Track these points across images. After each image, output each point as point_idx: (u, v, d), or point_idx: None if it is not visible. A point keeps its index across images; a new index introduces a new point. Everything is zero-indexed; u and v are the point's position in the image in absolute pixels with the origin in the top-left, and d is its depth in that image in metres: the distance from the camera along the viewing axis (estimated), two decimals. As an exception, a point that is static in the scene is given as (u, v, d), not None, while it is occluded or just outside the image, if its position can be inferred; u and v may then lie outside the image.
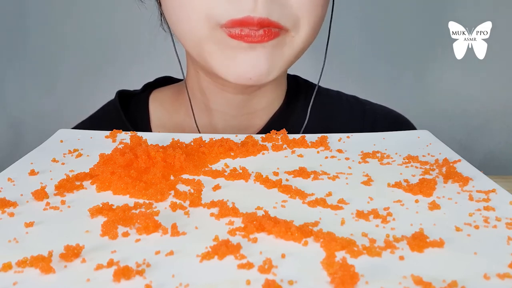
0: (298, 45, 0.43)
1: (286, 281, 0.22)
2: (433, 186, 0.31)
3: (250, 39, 0.40)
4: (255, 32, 0.39)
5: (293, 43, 0.42)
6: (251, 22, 0.39)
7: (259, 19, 0.38)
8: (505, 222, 0.27)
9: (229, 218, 0.28)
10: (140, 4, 0.51)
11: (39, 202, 0.30)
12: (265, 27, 0.39)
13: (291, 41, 0.42)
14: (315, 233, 0.25)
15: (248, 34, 0.39)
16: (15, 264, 0.23)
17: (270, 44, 0.40)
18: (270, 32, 0.40)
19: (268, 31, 0.40)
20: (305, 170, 0.35)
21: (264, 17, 0.39)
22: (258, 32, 0.39)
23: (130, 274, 0.22)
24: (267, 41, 0.40)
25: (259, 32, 0.39)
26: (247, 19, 0.39)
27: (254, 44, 0.40)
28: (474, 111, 0.97)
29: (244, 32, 0.39)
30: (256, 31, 0.39)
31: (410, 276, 0.22)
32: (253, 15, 0.38)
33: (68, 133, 0.43)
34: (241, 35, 0.39)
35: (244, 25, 0.39)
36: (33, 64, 0.95)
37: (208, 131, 0.51)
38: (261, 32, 0.39)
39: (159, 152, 0.35)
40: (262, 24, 0.39)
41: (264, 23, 0.39)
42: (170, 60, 0.50)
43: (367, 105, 0.56)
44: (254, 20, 0.38)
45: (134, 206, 0.29)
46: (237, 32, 0.39)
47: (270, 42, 0.40)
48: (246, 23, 0.39)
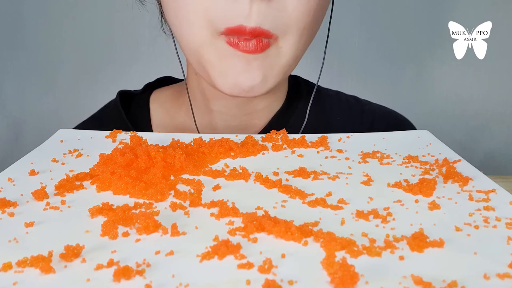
0: (287, 56, 0.43)
1: (286, 281, 0.22)
2: (433, 186, 0.31)
3: (245, 49, 0.40)
4: (247, 43, 0.40)
5: (280, 54, 0.42)
6: (243, 31, 0.39)
7: (251, 28, 0.39)
8: (505, 222, 0.27)
9: (229, 218, 0.28)
10: (140, 6, 0.51)
11: (39, 202, 0.30)
12: (257, 36, 0.40)
13: (279, 52, 0.42)
14: (315, 233, 0.25)
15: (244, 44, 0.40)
16: (15, 264, 0.23)
17: (261, 56, 0.41)
18: (262, 44, 0.40)
19: (259, 41, 0.40)
20: (305, 170, 0.35)
21: (256, 26, 0.39)
22: (251, 43, 0.40)
23: (130, 274, 0.22)
24: (260, 52, 0.40)
25: (252, 43, 0.40)
26: (240, 28, 0.39)
27: (247, 54, 0.40)
28: (474, 111, 0.97)
29: (240, 41, 0.40)
30: (248, 41, 0.40)
31: (410, 276, 0.22)
32: (246, 24, 0.39)
33: (68, 133, 0.43)
34: (237, 43, 0.40)
35: (237, 33, 0.40)
36: (33, 64, 0.95)
37: (209, 131, 0.51)
38: (254, 42, 0.40)
39: (159, 152, 0.35)
40: (254, 33, 0.39)
41: (256, 32, 0.39)
42: (170, 60, 0.50)
43: (366, 105, 0.56)
44: (246, 29, 0.39)
45: (134, 206, 0.29)
46: (235, 40, 0.40)
47: (262, 54, 0.41)
48: (239, 31, 0.39)
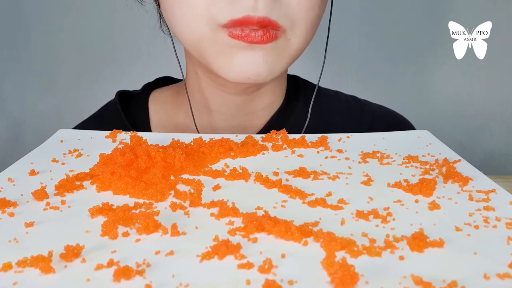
0: (295, 47, 0.43)
1: (286, 281, 0.22)
2: (433, 186, 0.31)
3: (250, 39, 0.40)
4: (255, 33, 0.40)
5: (290, 46, 0.42)
6: (250, 21, 0.39)
7: (259, 18, 0.39)
8: (505, 222, 0.27)
9: (229, 218, 0.28)
10: (140, 6, 0.51)
11: (39, 202, 0.30)
12: (265, 27, 0.39)
13: (288, 44, 0.42)
14: (315, 233, 0.25)
15: (248, 34, 0.40)
16: (15, 264, 0.23)
17: (268, 46, 0.41)
18: (269, 34, 0.40)
19: (267, 32, 0.40)
20: (305, 170, 0.35)
21: (264, 16, 0.39)
22: (258, 33, 0.40)
23: (130, 274, 0.22)
24: (266, 42, 0.40)
25: (258, 33, 0.40)
26: (247, 18, 0.39)
27: (253, 44, 0.40)
28: (474, 111, 0.97)
29: (245, 32, 0.40)
30: (256, 31, 0.40)
31: (410, 276, 0.22)
32: (253, 14, 0.39)
33: (68, 133, 0.43)
34: (241, 35, 0.40)
35: (244, 24, 0.39)
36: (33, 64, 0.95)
37: (208, 131, 0.51)
38: (260, 33, 0.40)
39: (159, 152, 0.35)
40: (262, 23, 0.39)
41: (264, 23, 0.39)
42: (170, 60, 0.50)
43: (365, 105, 0.56)
44: (253, 19, 0.39)
45: (134, 206, 0.29)
46: (238, 33, 0.40)
47: (268, 44, 0.41)
48: (246, 22, 0.39)
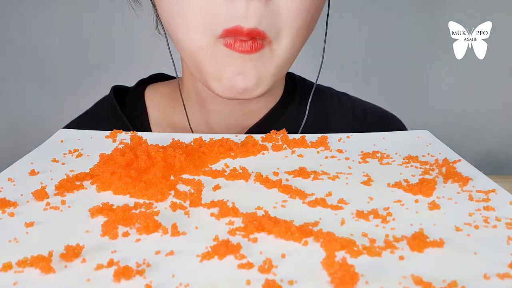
0: (281, 57, 0.43)
1: (286, 281, 0.22)
2: (433, 186, 0.31)
3: (240, 49, 0.40)
4: (243, 44, 0.40)
5: (274, 56, 0.42)
6: (240, 32, 0.39)
7: (248, 29, 0.39)
8: (505, 222, 0.27)
9: (229, 218, 0.28)
10: (137, 7, 0.51)
11: (39, 202, 0.30)
12: (253, 38, 0.40)
13: (273, 54, 0.42)
14: (315, 233, 0.25)
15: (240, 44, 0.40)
16: (15, 264, 0.23)
17: (255, 56, 0.41)
18: (256, 43, 0.40)
19: (254, 41, 0.40)
20: (305, 170, 0.35)
21: (253, 27, 0.39)
22: (247, 43, 0.40)
23: (130, 274, 0.22)
24: (255, 52, 0.41)
25: (247, 43, 0.40)
26: (237, 28, 0.39)
27: (243, 55, 0.40)
28: (473, 111, 0.97)
29: (237, 42, 0.40)
30: (245, 42, 0.40)
31: (410, 276, 0.22)
32: (243, 24, 0.39)
33: (68, 133, 0.43)
34: (233, 45, 0.40)
35: (234, 34, 0.40)
36: (33, 65, 0.95)
37: (205, 130, 0.51)
38: (249, 43, 0.40)
39: (159, 152, 0.35)
40: (251, 34, 0.39)
41: (253, 33, 0.39)
42: (169, 59, 0.50)
43: (356, 101, 0.57)
44: (243, 30, 0.39)
45: (134, 206, 0.29)
46: (231, 42, 0.40)
47: (255, 54, 0.41)
48: (236, 32, 0.39)
